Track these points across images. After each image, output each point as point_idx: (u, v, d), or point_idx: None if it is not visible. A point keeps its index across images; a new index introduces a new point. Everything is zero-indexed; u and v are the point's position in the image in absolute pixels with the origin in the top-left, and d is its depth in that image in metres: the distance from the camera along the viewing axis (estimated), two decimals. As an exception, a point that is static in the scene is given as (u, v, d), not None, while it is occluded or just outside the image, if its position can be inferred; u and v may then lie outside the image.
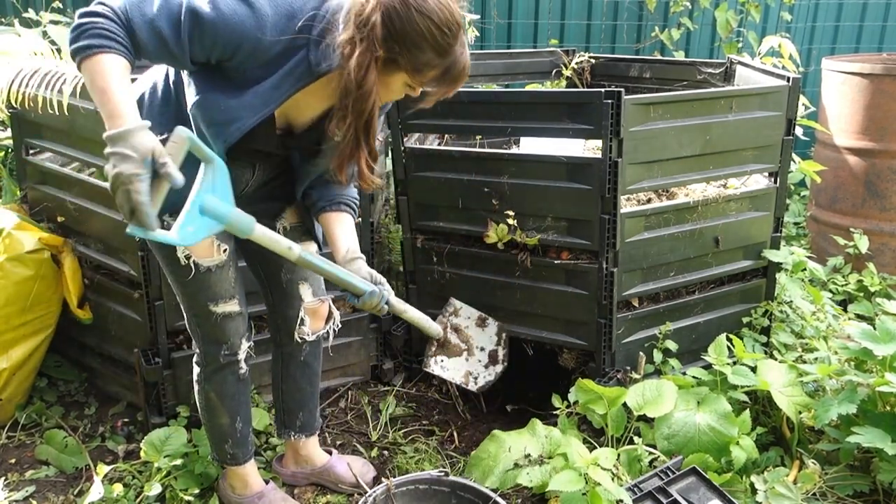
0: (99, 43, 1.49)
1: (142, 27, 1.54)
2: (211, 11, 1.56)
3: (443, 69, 1.66)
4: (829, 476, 2.16)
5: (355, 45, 1.59)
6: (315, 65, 1.67)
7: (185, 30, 1.56)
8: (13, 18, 3.53)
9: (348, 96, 1.63)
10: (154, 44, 1.56)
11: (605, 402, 2.27)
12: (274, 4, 1.61)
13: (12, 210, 2.71)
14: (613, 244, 2.41)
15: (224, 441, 2.14)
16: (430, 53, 1.62)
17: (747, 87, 2.78)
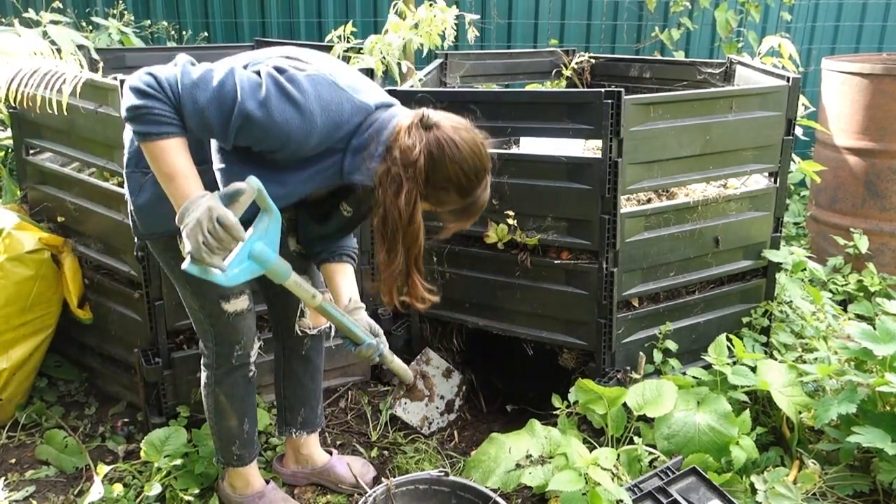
0: (157, 130, 1.57)
1: (191, 114, 1.59)
2: (262, 115, 1.59)
3: (462, 206, 1.76)
4: (829, 476, 2.16)
5: (401, 182, 1.65)
6: (347, 172, 1.72)
7: (233, 126, 1.60)
8: (13, 18, 3.53)
9: (396, 231, 1.69)
10: (199, 128, 1.62)
11: (605, 402, 2.27)
12: (324, 113, 1.64)
13: (12, 210, 2.71)
14: (613, 244, 2.41)
15: (231, 443, 2.14)
16: (454, 194, 1.73)
17: (747, 87, 2.78)
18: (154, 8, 4.63)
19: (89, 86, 2.36)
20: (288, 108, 1.60)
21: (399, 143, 1.66)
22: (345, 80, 1.70)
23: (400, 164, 1.65)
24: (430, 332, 2.90)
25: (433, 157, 1.66)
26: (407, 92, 2.66)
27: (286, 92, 1.61)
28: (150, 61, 3.49)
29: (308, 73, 1.65)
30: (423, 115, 1.68)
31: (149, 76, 1.58)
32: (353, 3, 4.68)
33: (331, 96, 1.65)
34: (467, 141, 1.70)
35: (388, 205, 1.67)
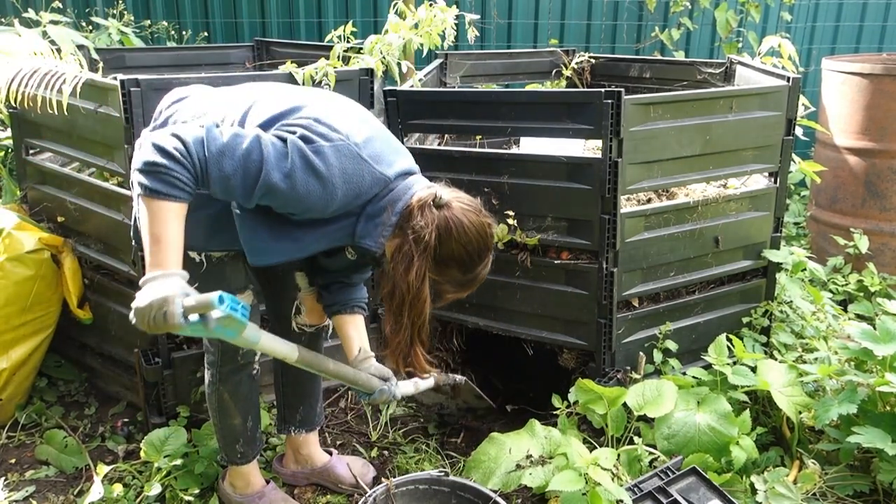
0: (167, 191, 1.55)
1: (216, 180, 1.61)
2: (286, 186, 1.63)
3: (462, 280, 1.83)
4: (829, 476, 2.16)
5: (412, 259, 1.71)
6: (359, 236, 1.77)
7: (256, 195, 1.64)
8: (13, 18, 3.53)
9: (403, 305, 1.75)
10: (223, 193, 1.65)
11: (605, 402, 2.27)
12: (345, 184, 1.68)
13: (12, 210, 2.71)
14: (613, 244, 2.41)
15: (235, 441, 2.14)
16: (456, 270, 1.80)
17: (747, 87, 2.78)
18: (154, 8, 4.63)
19: (89, 86, 2.36)
20: (311, 180, 1.64)
21: (413, 221, 1.72)
22: (368, 149, 1.72)
23: (412, 241, 1.71)
24: (430, 332, 2.89)
25: (441, 237, 1.72)
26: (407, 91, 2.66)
27: (311, 165, 1.64)
28: (150, 61, 3.53)
29: (334, 144, 1.67)
30: (436, 195, 1.74)
31: (176, 139, 1.58)
32: (353, 3, 4.68)
33: (353, 168, 1.69)
34: (474, 223, 1.76)
35: (398, 279, 1.73)
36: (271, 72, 2.60)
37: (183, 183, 1.56)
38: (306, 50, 3.42)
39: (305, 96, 1.81)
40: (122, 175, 2.35)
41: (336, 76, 2.48)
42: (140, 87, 2.22)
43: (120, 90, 2.20)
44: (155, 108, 2.23)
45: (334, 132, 1.69)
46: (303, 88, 1.88)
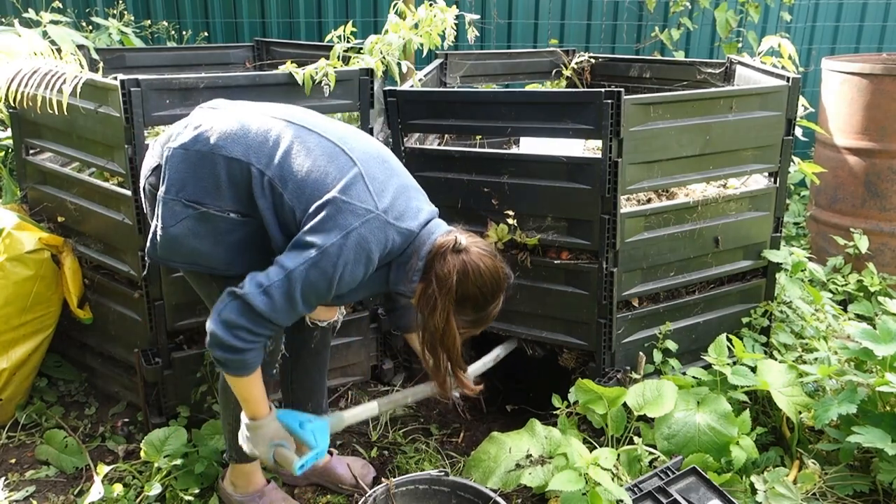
0: (243, 372, 1.82)
1: (288, 323, 1.83)
2: (338, 283, 1.77)
3: (475, 318, 1.93)
4: (829, 476, 2.16)
5: (436, 301, 1.83)
6: (393, 283, 1.90)
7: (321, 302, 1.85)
8: (13, 18, 3.53)
9: (435, 342, 1.89)
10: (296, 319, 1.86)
11: (605, 402, 2.27)
12: (382, 252, 1.82)
13: (12, 210, 2.71)
14: (613, 244, 2.41)
15: None
16: (470, 309, 1.89)
17: (747, 87, 2.78)
18: (154, 8, 4.63)
19: (89, 86, 2.36)
20: (355, 269, 1.77)
21: (436, 267, 1.83)
22: (394, 212, 1.82)
23: (436, 285, 1.83)
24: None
25: (461, 279, 1.83)
26: (407, 91, 2.66)
27: (353, 258, 1.76)
28: (150, 61, 3.53)
29: (365, 220, 1.76)
30: (455, 240, 1.84)
31: (237, 329, 1.75)
32: (353, 3, 4.68)
33: (386, 236, 1.80)
34: (490, 268, 1.86)
35: (426, 321, 1.87)
36: (272, 72, 2.60)
37: (254, 360, 1.81)
38: (306, 50, 3.42)
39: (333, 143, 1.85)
40: (122, 175, 2.35)
41: (336, 76, 2.48)
42: (140, 87, 2.22)
43: (120, 90, 2.20)
44: (155, 108, 2.25)
45: (362, 204, 1.76)
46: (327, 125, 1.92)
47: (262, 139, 1.82)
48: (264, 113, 1.91)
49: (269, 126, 1.85)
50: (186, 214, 1.81)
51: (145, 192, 1.94)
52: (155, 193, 1.88)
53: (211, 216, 1.82)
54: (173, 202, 1.83)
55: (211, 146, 1.82)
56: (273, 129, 1.84)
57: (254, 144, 1.81)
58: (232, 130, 1.84)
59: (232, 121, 1.86)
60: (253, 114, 1.90)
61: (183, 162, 1.83)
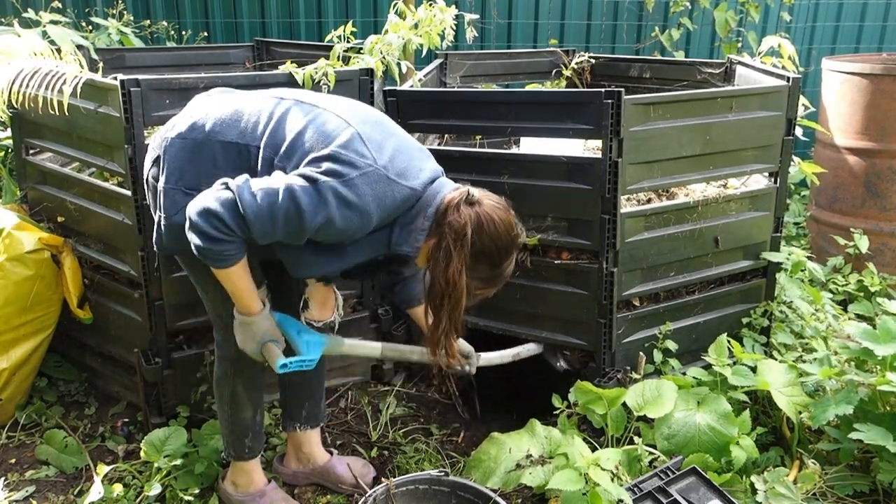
0: (225, 265, 1.78)
1: (261, 237, 1.73)
2: (327, 226, 1.72)
3: (490, 276, 1.89)
4: (829, 476, 2.16)
5: (451, 254, 1.78)
6: (395, 244, 1.85)
7: (301, 239, 1.76)
8: (13, 18, 3.53)
9: (443, 298, 1.82)
10: (265, 241, 1.77)
11: (605, 403, 2.27)
12: (379, 208, 1.76)
13: (12, 210, 2.71)
14: (613, 244, 2.41)
15: (245, 435, 2.15)
16: (485, 265, 1.85)
17: (747, 87, 2.78)
18: (154, 8, 4.63)
19: (89, 86, 2.36)
20: (349, 214, 1.72)
21: (449, 218, 1.79)
22: (395, 168, 1.78)
23: (450, 237, 1.78)
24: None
25: (475, 232, 1.79)
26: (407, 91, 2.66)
27: (346, 200, 1.71)
28: (150, 61, 3.53)
29: (363, 172, 1.72)
30: (468, 192, 1.81)
31: (214, 219, 1.68)
32: (353, 3, 4.68)
33: (384, 191, 1.75)
34: (504, 220, 1.84)
35: (438, 275, 1.80)
36: (272, 72, 2.60)
37: (234, 252, 1.74)
38: (306, 50, 3.42)
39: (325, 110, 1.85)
40: (122, 175, 2.35)
41: (336, 76, 2.48)
42: (140, 87, 2.22)
43: (120, 90, 2.20)
44: (155, 108, 2.25)
45: (361, 157, 1.73)
46: (321, 98, 1.91)
47: (255, 119, 1.83)
48: (259, 94, 1.93)
49: (262, 106, 1.86)
50: (187, 202, 1.79)
51: (148, 185, 1.95)
52: (157, 185, 1.88)
53: None
54: (174, 191, 1.84)
55: (206, 133, 1.83)
56: (266, 107, 1.85)
57: (248, 126, 1.83)
58: (226, 116, 1.85)
59: (226, 107, 1.88)
60: (247, 97, 1.91)
61: (181, 151, 1.84)
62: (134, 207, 2.32)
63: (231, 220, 1.68)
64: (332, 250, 1.83)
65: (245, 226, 1.69)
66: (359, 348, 2.07)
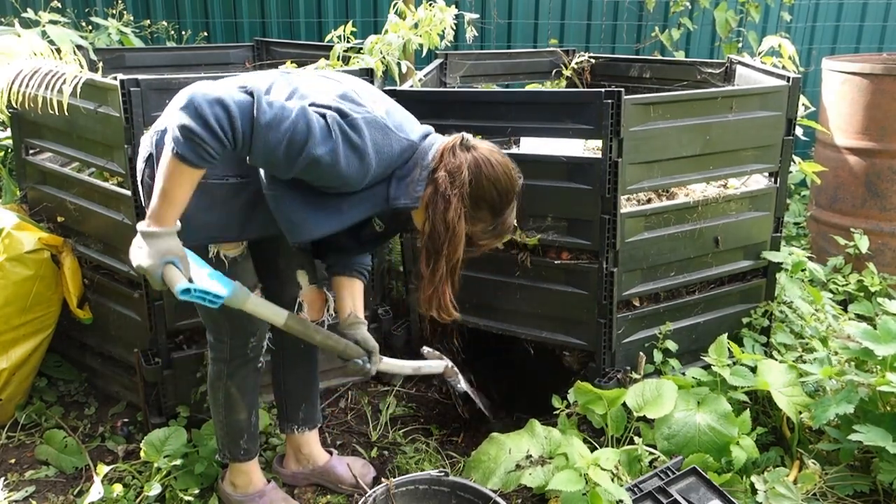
0: (194, 160, 1.60)
1: (260, 152, 1.64)
2: (330, 161, 1.67)
3: (492, 226, 1.87)
4: (829, 476, 2.16)
5: (449, 198, 1.76)
6: (393, 198, 1.81)
7: (298, 166, 1.67)
8: (13, 18, 3.53)
9: (442, 243, 1.79)
10: (264, 163, 1.71)
11: (605, 403, 2.27)
12: (378, 156, 1.74)
13: (12, 210, 2.71)
14: (613, 244, 2.41)
15: (240, 437, 2.15)
16: (486, 212, 1.83)
17: (747, 87, 2.78)
18: (154, 8, 4.63)
19: (89, 86, 2.36)
20: (352, 156, 1.69)
21: (445, 163, 1.77)
22: (392, 120, 1.79)
23: (448, 181, 1.76)
24: (430, 332, 2.90)
25: (473, 175, 1.77)
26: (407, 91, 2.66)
27: (351, 142, 1.69)
28: (150, 61, 3.53)
29: (365, 117, 1.72)
30: (463, 137, 1.80)
31: (222, 109, 1.57)
32: (353, 3, 4.68)
33: (383, 140, 1.74)
34: (501, 163, 1.82)
35: (437, 220, 1.77)
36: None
37: (212, 157, 1.60)
38: (306, 50, 3.42)
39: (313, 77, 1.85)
40: (122, 175, 2.35)
41: (336, 76, 2.48)
42: (140, 87, 2.22)
43: (120, 90, 2.20)
44: (154, 108, 2.24)
45: (360, 106, 1.73)
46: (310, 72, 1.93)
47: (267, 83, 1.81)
48: (241, 76, 1.91)
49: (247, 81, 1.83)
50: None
51: (143, 184, 1.90)
52: (152, 185, 1.86)
53: (210, 186, 1.80)
54: None
55: None
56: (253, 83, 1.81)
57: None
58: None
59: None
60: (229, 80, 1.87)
61: None
62: (134, 207, 2.31)
63: (239, 119, 1.58)
64: (331, 207, 1.79)
65: (250, 130, 1.60)
66: (261, 308, 1.88)
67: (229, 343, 2.05)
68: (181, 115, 1.57)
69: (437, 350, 2.77)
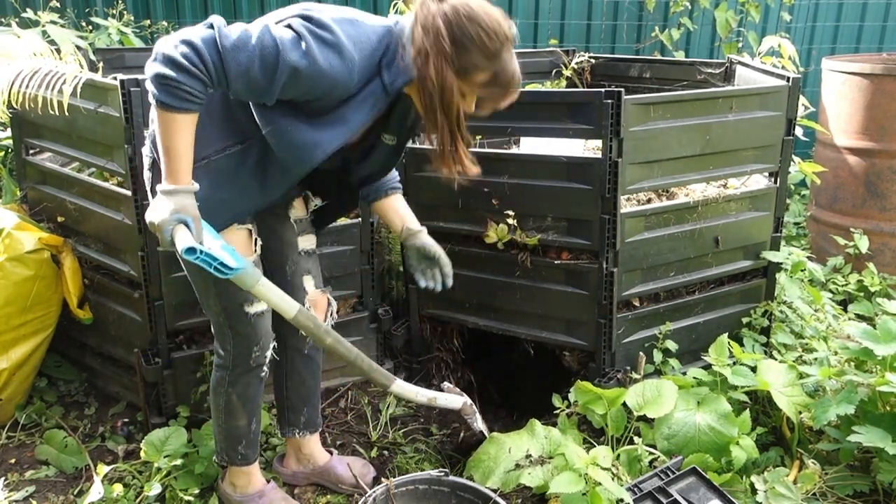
0: (178, 104, 1.61)
1: (235, 76, 1.62)
2: (308, 64, 1.64)
3: (491, 73, 1.75)
4: (829, 476, 2.16)
5: (427, 52, 1.70)
6: (389, 85, 1.76)
7: (279, 80, 1.64)
8: (13, 18, 3.53)
9: (433, 100, 1.73)
10: (245, 89, 1.66)
11: (605, 403, 2.27)
12: (358, 48, 1.70)
13: (12, 210, 2.71)
14: (613, 244, 2.41)
15: (238, 442, 2.14)
16: (477, 55, 1.72)
17: (747, 87, 2.78)
18: (154, 8, 4.63)
19: (89, 86, 2.36)
20: (329, 53, 1.66)
21: (418, 21, 1.71)
22: (359, 15, 1.77)
23: (422, 35, 1.70)
24: (431, 332, 2.90)
25: (450, 19, 1.70)
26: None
27: (323, 38, 1.66)
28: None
29: (331, 16, 1.70)
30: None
31: (186, 46, 1.58)
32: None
33: (356, 32, 1.71)
34: (479, 3, 1.74)
35: (423, 79, 1.72)
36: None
37: (194, 95, 1.60)
38: (306, 50, 3.41)
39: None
40: (122, 175, 2.35)
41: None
42: (140, 87, 2.22)
43: (120, 90, 2.20)
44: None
45: (323, 12, 1.72)
46: None
47: None
48: None
49: None
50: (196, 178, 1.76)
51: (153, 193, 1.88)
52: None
53: (214, 164, 1.80)
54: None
55: None
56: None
57: None
58: None
59: None
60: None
61: None
62: (134, 207, 2.32)
63: (206, 50, 1.59)
64: (335, 120, 1.77)
65: (218, 57, 1.60)
66: (272, 294, 1.81)
67: (232, 351, 2.03)
68: (153, 66, 1.59)
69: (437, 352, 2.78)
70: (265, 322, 2.03)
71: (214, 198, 1.82)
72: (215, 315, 2.00)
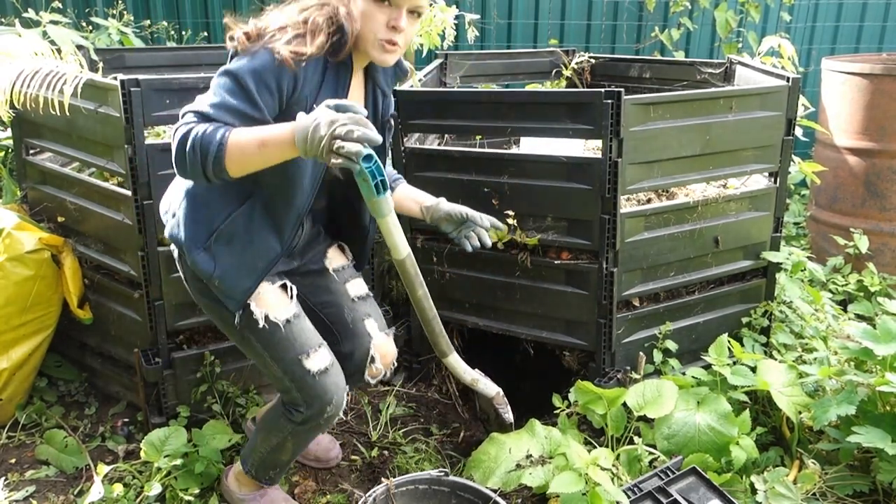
0: (219, 141, 1.62)
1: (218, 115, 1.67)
2: (248, 61, 1.71)
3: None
4: (829, 476, 2.16)
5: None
6: (333, 55, 1.79)
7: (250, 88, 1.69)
8: (13, 18, 3.53)
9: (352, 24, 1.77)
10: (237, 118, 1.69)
11: (605, 403, 2.27)
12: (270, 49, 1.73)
13: (12, 210, 2.71)
14: (613, 244, 2.42)
15: (273, 468, 2.13)
16: None
17: (747, 87, 2.79)
18: (154, 8, 4.63)
19: (89, 86, 2.36)
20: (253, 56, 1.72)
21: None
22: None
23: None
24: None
25: None
26: (407, 91, 2.67)
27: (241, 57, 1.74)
28: (150, 61, 3.53)
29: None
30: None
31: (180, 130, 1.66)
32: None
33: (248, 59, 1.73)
34: None
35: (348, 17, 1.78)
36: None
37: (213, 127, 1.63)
38: (306, 50, 3.41)
39: None
40: (122, 175, 2.35)
41: (336, 76, 2.48)
42: (140, 87, 2.22)
43: (120, 90, 2.20)
44: (154, 108, 2.25)
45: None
46: None
47: None
48: None
49: None
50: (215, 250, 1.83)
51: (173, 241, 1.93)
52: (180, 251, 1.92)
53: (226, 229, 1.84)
54: (196, 252, 1.84)
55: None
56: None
57: None
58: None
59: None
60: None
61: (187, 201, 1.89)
62: (134, 207, 2.32)
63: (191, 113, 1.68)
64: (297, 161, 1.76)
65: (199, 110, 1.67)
66: (395, 229, 1.84)
67: (305, 413, 1.96)
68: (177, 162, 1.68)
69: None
70: (331, 377, 1.94)
71: (240, 262, 1.84)
72: (280, 380, 1.95)
